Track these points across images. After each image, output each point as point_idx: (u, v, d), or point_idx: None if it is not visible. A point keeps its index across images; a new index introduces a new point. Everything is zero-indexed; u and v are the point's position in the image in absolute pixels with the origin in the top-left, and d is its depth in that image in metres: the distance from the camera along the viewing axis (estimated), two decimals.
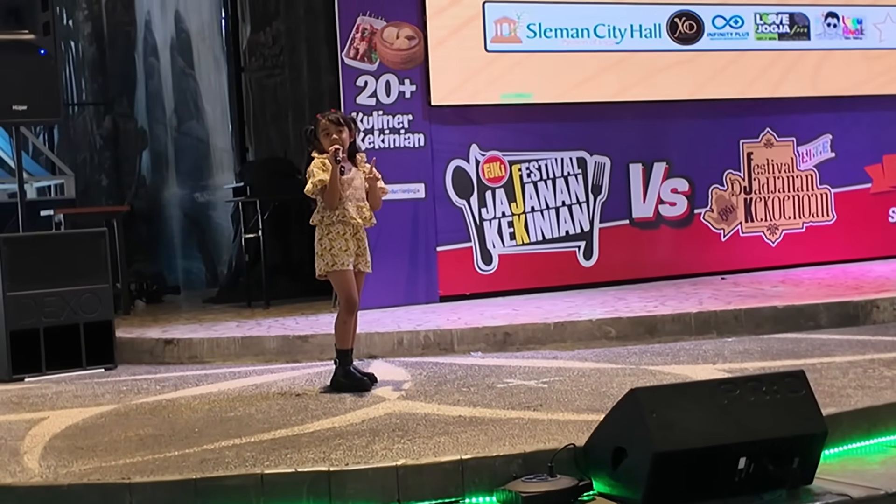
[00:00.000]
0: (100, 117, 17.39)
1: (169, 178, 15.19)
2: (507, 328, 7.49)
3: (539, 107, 9.72)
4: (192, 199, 14.47)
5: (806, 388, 4.38)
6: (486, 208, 9.53)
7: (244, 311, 9.74)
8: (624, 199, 10.01)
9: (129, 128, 16.45)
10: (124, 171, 16.66)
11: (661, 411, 4.18)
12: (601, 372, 6.34)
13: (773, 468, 4.24)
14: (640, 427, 4.17)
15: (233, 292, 10.97)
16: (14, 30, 7.76)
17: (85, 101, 18.07)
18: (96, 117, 17.57)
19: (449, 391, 6.00)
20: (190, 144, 14.45)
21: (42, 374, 7.46)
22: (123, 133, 16.61)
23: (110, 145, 17.08)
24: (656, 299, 8.48)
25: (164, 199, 15.30)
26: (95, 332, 7.71)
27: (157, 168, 15.51)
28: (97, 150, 17.52)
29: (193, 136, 14.36)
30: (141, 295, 11.40)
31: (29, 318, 7.48)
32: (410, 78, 9.27)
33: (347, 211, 6.18)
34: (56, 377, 7.43)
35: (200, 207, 14.27)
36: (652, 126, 10.14)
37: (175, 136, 14.89)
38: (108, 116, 17.02)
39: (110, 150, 17.07)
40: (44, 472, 4.61)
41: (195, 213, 14.45)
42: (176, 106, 14.77)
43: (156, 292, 11.69)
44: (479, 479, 4.41)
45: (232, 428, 5.32)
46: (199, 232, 14.41)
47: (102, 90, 17.32)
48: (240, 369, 7.35)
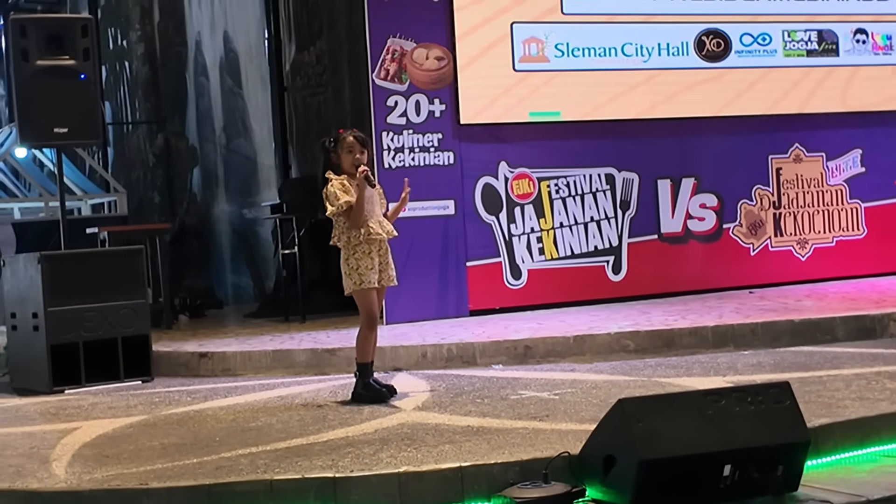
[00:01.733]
0: (152, 136, 17.81)
1: (218, 195, 15.53)
2: (527, 341, 7.68)
3: (567, 124, 9.92)
4: (241, 215, 14.81)
5: (790, 399, 4.53)
6: (515, 224, 9.73)
7: (281, 325, 10.02)
8: (652, 214, 10.18)
9: (180, 146, 16.83)
10: (176, 187, 17.04)
11: (648, 421, 4.35)
12: (613, 384, 6.50)
13: (758, 476, 4.38)
14: (627, 436, 4.34)
15: (272, 307, 11.27)
16: (56, 56, 8.09)
17: (138, 119, 18.52)
18: (149, 136, 18.00)
19: (463, 402, 6.19)
20: (238, 162, 14.79)
21: (81, 386, 7.77)
22: (175, 151, 17.01)
23: (162, 163, 17.49)
24: (679, 313, 8.62)
25: (213, 215, 15.65)
26: (133, 345, 8.02)
27: (208, 185, 15.86)
28: (150, 167, 17.95)
29: (242, 153, 14.69)
30: (184, 310, 11.72)
31: (69, 333, 7.79)
32: (440, 97, 9.51)
33: (372, 228, 6.39)
34: (94, 389, 7.74)
35: (248, 223, 14.60)
36: (680, 142, 10.30)
37: (224, 154, 15.24)
38: (160, 135, 17.43)
39: (162, 167, 17.48)
40: (69, 479, 4.86)
41: (243, 229, 14.78)
42: (225, 124, 15.12)
43: (199, 307, 12.00)
44: (477, 485, 4.60)
45: (251, 437, 5.54)
46: (248, 247, 14.73)
47: (155, 109, 17.74)
48: (269, 381, 7.61)
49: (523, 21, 9.75)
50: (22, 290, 8.07)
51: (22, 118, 8.03)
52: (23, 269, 8.05)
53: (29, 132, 8.08)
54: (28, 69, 7.99)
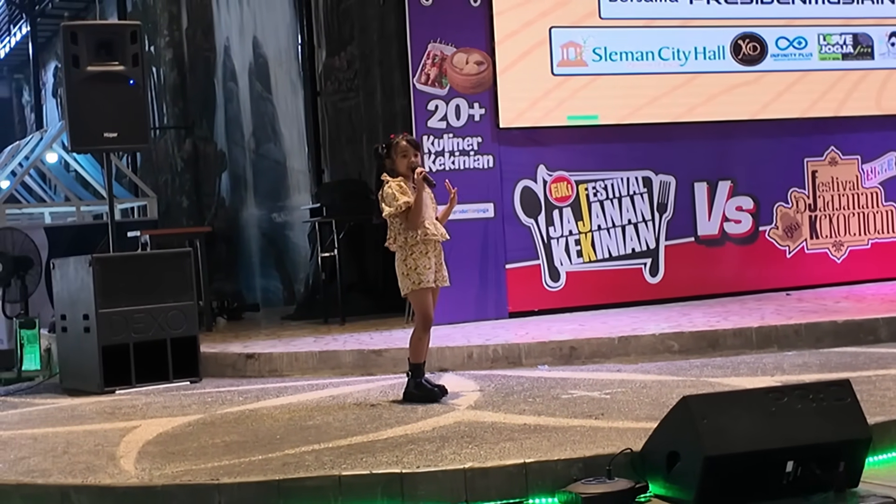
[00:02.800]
0: (181, 141, 17.96)
1: (247, 199, 15.66)
2: (572, 342, 7.78)
3: (605, 128, 10.02)
4: (270, 219, 14.93)
5: (851, 397, 4.62)
6: (554, 227, 9.83)
7: (321, 327, 10.14)
8: (689, 216, 10.27)
9: (208, 151, 16.97)
10: (204, 192, 17.18)
11: (712, 418, 4.44)
12: (662, 384, 6.60)
13: (820, 472, 4.47)
14: (691, 432, 4.43)
15: (310, 309, 11.39)
16: (105, 62, 8.23)
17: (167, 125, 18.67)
18: (177, 141, 18.15)
19: (515, 401, 6.29)
20: (267, 166, 14.91)
21: (132, 386, 7.91)
22: (203, 156, 17.15)
23: (191, 168, 17.62)
24: (720, 315, 8.70)
25: (242, 219, 15.77)
26: (181, 346, 8.15)
27: (236, 189, 15.99)
28: (178, 172, 18.09)
29: (271, 158, 14.81)
30: (222, 312, 11.86)
31: (119, 334, 7.94)
32: (479, 102, 9.62)
33: (428, 229, 6.50)
34: (145, 389, 7.87)
35: (278, 227, 14.72)
36: (716, 146, 10.39)
37: (253, 159, 15.36)
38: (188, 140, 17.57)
39: (191, 172, 17.61)
40: (139, 474, 4.98)
41: (273, 233, 14.90)
42: (254, 129, 15.25)
43: (236, 310, 12.14)
44: (541, 481, 4.70)
45: (311, 435, 5.66)
46: (277, 251, 14.85)
47: (183, 114, 17.88)
48: (317, 382, 7.72)
49: (562, 25, 9.86)
50: (72, 293, 8.21)
51: (73, 123, 8.18)
52: (73, 271, 8.18)
53: (79, 137, 8.22)
54: (79, 75, 8.14)
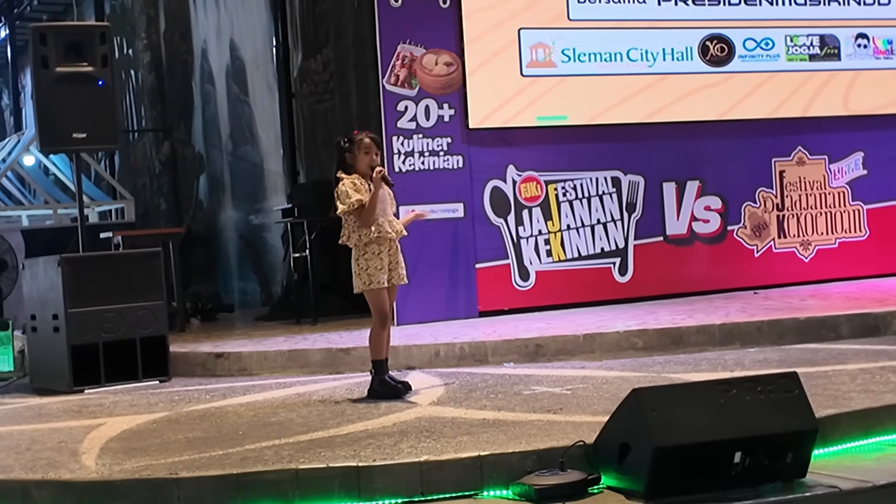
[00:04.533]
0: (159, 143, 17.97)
1: (225, 202, 15.68)
2: (538, 340, 7.85)
3: (574, 128, 10.10)
4: (248, 221, 14.95)
5: (799, 389, 4.70)
6: (523, 226, 9.90)
7: (292, 327, 10.19)
8: (658, 216, 10.35)
9: (186, 153, 16.98)
10: (182, 194, 17.19)
11: (662, 409, 4.52)
12: (623, 379, 6.66)
13: (768, 462, 4.55)
14: (641, 424, 4.50)
15: (283, 310, 11.43)
16: (75, 62, 8.27)
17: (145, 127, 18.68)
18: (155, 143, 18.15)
19: (477, 398, 6.36)
20: (245, 168, 14.93)
21: (101, 385, 7.94)
22: (181, 158, 17.16)
23: (169, 170, 17.63)
24: (685, 312, 8.78)
25: (220, 221, 15.79)
26: (151, 346, 8.18)
27: (214, 192, 16.01)
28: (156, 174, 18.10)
29: (248, 160, 14.84)
30: (196, 313, 11.88)
31: (89, 334, 7.96)
32: (449, 102, 9.69)
33: (382, 227, 6.56)
34: (114, 388, 7.90)
35: (255, 229, 14.75)
36: (685, 146, 10.47)
37: (231, 161, 15.38)
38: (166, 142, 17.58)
39: (169, 174, 17.62)
40: (100, 469, 5.03)
41: (250, 235, 14.93)
42: (231, 131, 15.27)
43: (210, 311, 12.15)
44: (496, 473, 4.76)
45: (273, 431, 5.71)
46: (255, 253, 14.88)
47: (161, 117, 17.89)
48: (286, 380, 7.77)
49: (531, 27, 9.94)
50: (42, 293, 8.24)
51: (42, 124, 8.20)
52: (43, 271, 8.22)
53: (49, 137, 8.26)
54: (48, 76, 8.17)
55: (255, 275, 15.00)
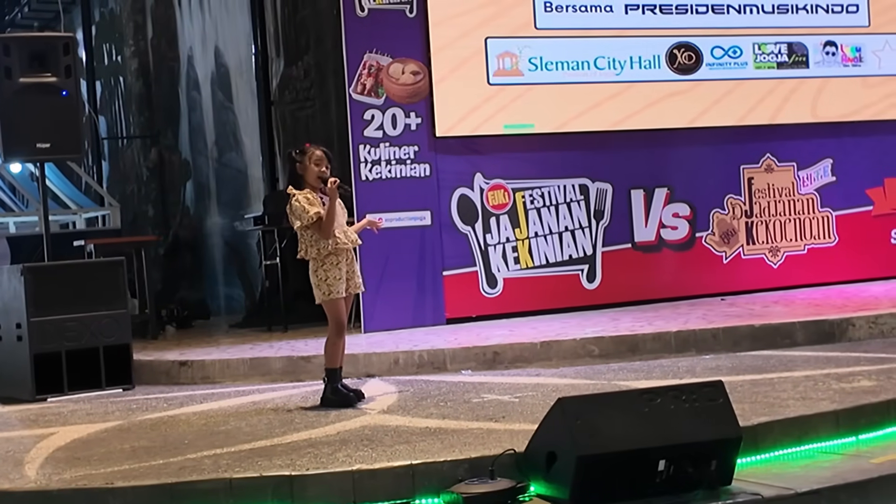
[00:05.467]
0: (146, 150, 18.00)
1: (211, 208, 15.72)
2: (496, 347, 7.90)
3: (541, 136, 10.14)
4: (232, 227, 14.98)
5: (723, 397, 4.74)
6: (491, 234, 9.95)
7: (263, 334, 10.24)
8: (626, 223, 10.40)
9: (173, 160, 17.02)
10: (169, 201, 17.23)
11: (585, 418, 4.57)
12: (574, 387, 6.69)
13: (692, 470, 4.60)
14: (566, 433, 4.56)
15: (258, 317, 11.48)
16: (38, 73, 8.32)
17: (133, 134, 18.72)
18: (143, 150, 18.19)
19: (426, 406, 6.40)
20: (230, 175, 14.98)
21: (64, 394, 7.97)
22: (168, 165, 17.20)
23: (156, 177, 17.67)
24: (647, 320, 8.82)
25: (206, 228, 15.83)
26: (114, 354, 8.22)
27: (200, 198, 16.05)
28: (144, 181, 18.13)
29: (233, 167, 14.89)
30: (171, 320, 11.93)
31: (51, 342, 8.00)
32: (416, 111, 9.74)
33: (339, 239, 6.61)
34: (76, 397, 7.94)
35: (240, 236, 14.77)
36: (653, 153, 10.52)
37: (216, 168, 15.43)
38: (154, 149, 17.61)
39: (156, 181, 17.66)
40: (38, 479, 5.07)
41: (235, 242, 14.96)
42: (217, 138, 15.32)
43: (186, 318, 12.20)
44: (427, 482, 4.81)
45: (218, 440, 5.75)
46: (239, 259, 14.92)
47: (149, 123, 17.93)
48: (245, 388, 7.82)
49: (497, 36, 9.99)
50: (6, 302, 8.28)
51: (6, 134, 8.24)
52: (6, 280, 8.26)
53: (13, 147, 8.31)
54: (11, 86, 8.22)
55: (239, 281, 15.04)
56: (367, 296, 9.32)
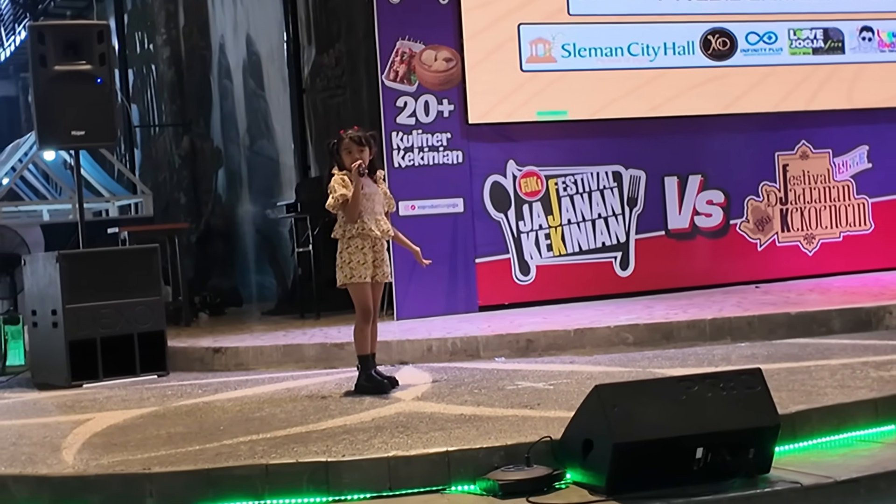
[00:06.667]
0: (178, 138, 18.07)
1: (243, 196, 15.77)
2: (529, 335, 7.89)
3: (574, 123, 10.12)
4: (264, 215, 15.03)
5: (761, 385, 4.71)
6: (524, 221, 9.94)
7: (295, 321, 10.28)
8: (659, 210, 10.37)
9: (205, 147, 17.08)
10: (202, 189, 17.30)
11: (622, 405, 4.55)
12: (608, 375, 6.68)
13: (730, 458, 4.58)
14: (602, 420, 4.54)
15: (290, 305, 11.52)
16: (73, 61, 8.36)
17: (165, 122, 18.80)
18: (175, 138, 18.26)
19: (461, 393, 6.40)
20: (261, 163, 15.03)
21: (99, 380, 8.03)
22: (200, 152, 17.26)
23: (188, 165, 17.74)
24: (681, 308, 8.79)
25: (238, 216, 15.89)
26: (149, 341, 8.28)
27: (232, 186, 16.10)
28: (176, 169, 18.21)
29: (265, 154, 14.92)
30: (204, 308, 11.99)
31: (86, 329, 8.06)
32: (448, 98, 9.73)
33: (366, 224, 6.62)
34: (111, 383, 8.00)
35: (271, 224, 14.82)
36: (687, 140, 10.47)
37: (248, 155, 15.47)
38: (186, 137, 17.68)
39: (188, 169, 17.73)
40: (76, 465, 5.11)
41: (267, 229, 15.01)
42: (248, 126, 15.36)
43: (219, 305, 12.26)
44: (463, 469, 4.81)
45: (253, 426, 5.77)
46: (271, 247, 14.97)
47: (181, 111, 17.99)
48: (279, 375, 7.85)
49: (530, 22, 9.96)
50: (42, 289, 8.34)
51: (41, 122, 8.30)
52: (42, 267, 8.32)
53: (47, 135, 8.36)
54: (46, 74, 8.27)
55: (271, 269, 15.10)
56: (399, 283, 9.35)
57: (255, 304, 14.23)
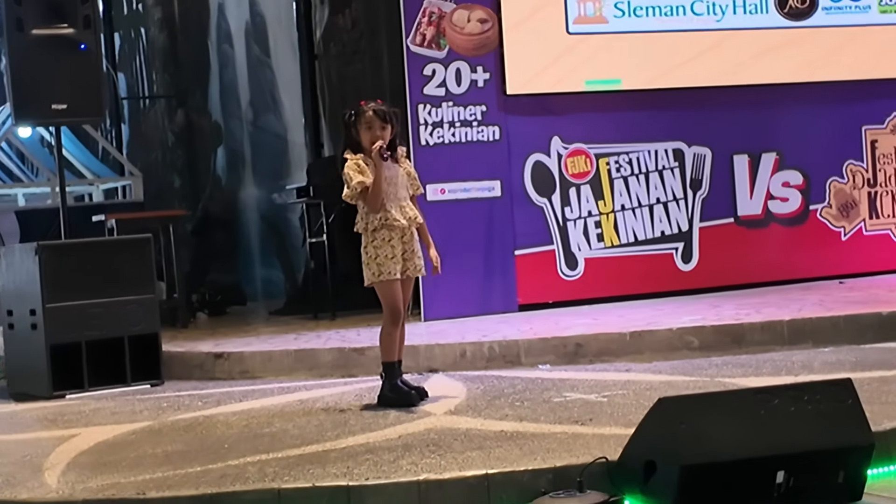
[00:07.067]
0: (172, 112, 18.09)
1: (246, 179, 15.78)
2: (578, 338, 7.87)
3: (628, 94, 10.08)
4: (270, 200, 15.05)
5: (853, 398, 4.66)
6: (570, 207, 9.92)
7: (308, 322, 10.30)
8: (727, 194, 10.33)
9: (202, 123, 17.09)
10: (198, 170, 17.32)
11: (691, 422, 4.51)
12: (670, 385, 6.66)
13: (816, 483, 4.54)
14: (668, 439, 4.51)
15: (301, 303, 11.53)
16: (53, 25, 8.36)
17: (156, 93, 18.83)
18: (168, 112, 18.28)
19: (500, 406, 6.38)
20: (267, 141, 15.03)
21: (84, 390, 8.04)
22: (197, 129, 17.27)
23: (183, 142, 17.76)
24: (753, 307, 8.75)
25: (240, 201, 15.90)
26: (141, 345, 8.28)
27: (233, 167, 16.11)
28: (169, 147, 18.24)
29: (271, 131, 14.93)
30: (203, 307, 12.01)
31: (70, 332, 8.05)
32: (483, 65, 9.70)
33: (390, 213, 6.57)
34: (98, 394, 8.02)
35: (279, 210, 14.83)
36: (758, 113, 10.41)
37: (251, 132, 15.48)
38: (180, 110, 17.69)
39: (183, 147, 17.75)
40: (61, 488, 5.11)
41: (273, 217, 15.02)
42: (252, 98, 15.36)
43: (220, 303, 12.28)
44: (505, 494, 4.79)
45: (262, 444, 5.77)
46: (278, 237, 14.97)
47: (174, 82, 18.00)
48: (291, 384, 7.85)
49: None
50: (19, 285, 8.36)
51: (17, 94, 8.30)
52: (19, 261, 8.33)
53: (25, 109, 8.37)
54: (23, 40, 8.27)
55: (278, 262, 15.12)
56: (427, 279, 9.26)
57: (260, 302, 14.25)
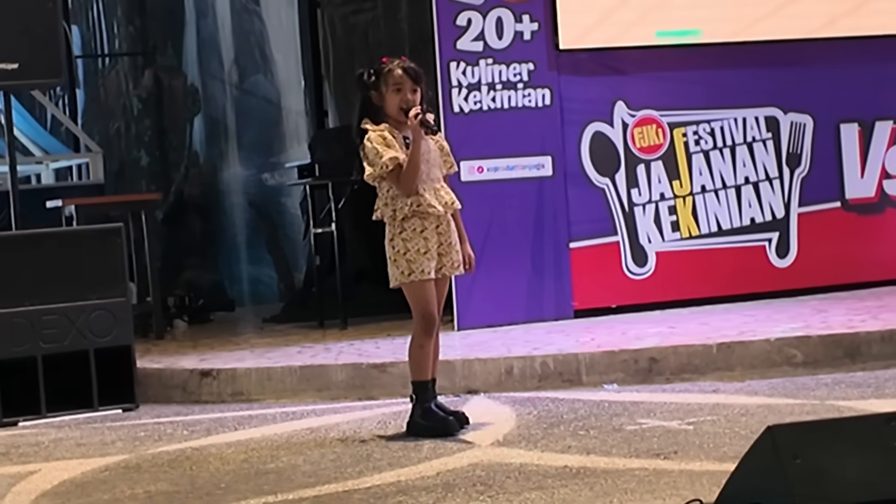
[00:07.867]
0: (137, 72, 18.13)
1: (229, 154, 15.83)
2: (653, 352, 7.87)
3: (710, 48, 10.09)
4: (260, 181, 15.08)
5: None
6: (638, 189, 9.92)
7: (313, 332, 10.31)
8: (833, 173, 10.34)
9: (175, 86, 17.13)
10: (171, 144, 17.37)
11: (807, 456, 4.48)
12: (771, 409, 6.66)
13: None
14: (778, 477, 4.48)
15: (302, 308, 11.53)
16: None
17: (118, 50, 18.88)
18: (133, 73, 18.33)
19: (560, 435, 6.39)
20: (256, 107, 15.07)
21: (41, 416, 8.06)
22: (168, 93, 17.30)
23: (152, 111, 17.79)
24: (868, 311, 8.76)
25: (222, 182, 15.95)
26: (110, 361, 8.29)
27: (214, 140, 16.17)
28: (134, 116, 18.29)
29: (260, 95, 14.97)
30: (182, 313, 12.02)
31: (23, 344, 8.08)
32: (531, 14, 9.70)
33: (423, 198, 6.54)
34: (58, 420, 8.04)
35: (271, 193, 14.87)
36: (871, 71, 10.41)
37: (236, 96, 15.53)
38: (147, 71, 17.73)
39: (152, 116, 17.79)
40: None
41: (264, 201, 15.06)
42: (237, 55, 15.41)
43: (202, 309, 12.29)
44: None
45: (268, 483, 5.78)
46: (270, 227, 15.01)
47: (141, 36, 18.06)
48: (296, 409, 7.87)
49: None
50: None
51: None
52: None
53: None
54: None
55: (270, 256, 15.16)
56: (461, 279, 9.26)
57: (248, 306, 14.29)
